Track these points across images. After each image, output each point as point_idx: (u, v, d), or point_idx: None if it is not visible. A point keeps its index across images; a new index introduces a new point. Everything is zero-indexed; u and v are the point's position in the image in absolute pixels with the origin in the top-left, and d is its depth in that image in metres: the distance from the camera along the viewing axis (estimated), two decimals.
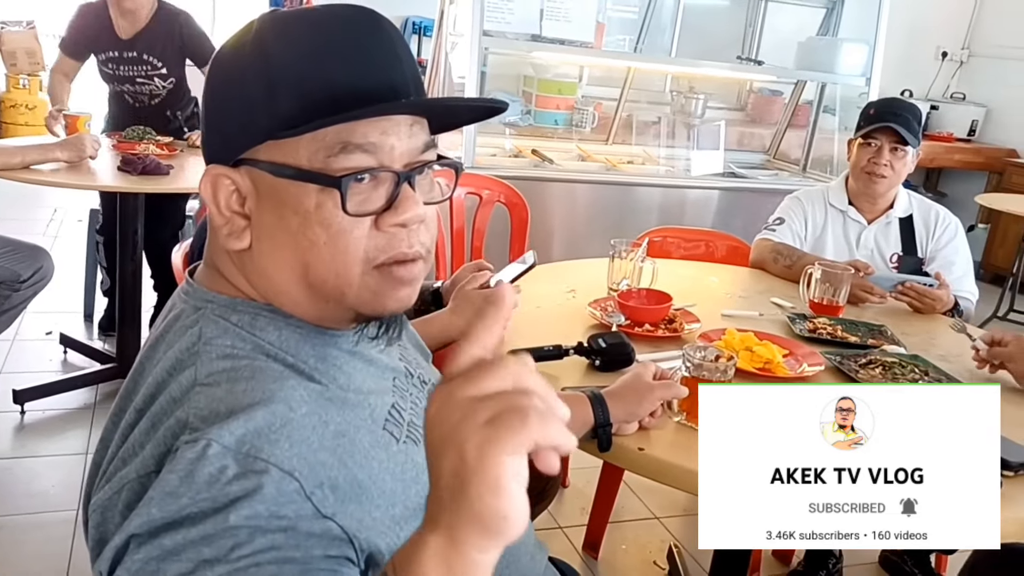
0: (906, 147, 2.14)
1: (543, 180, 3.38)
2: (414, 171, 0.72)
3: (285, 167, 0.70)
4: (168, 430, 0.65)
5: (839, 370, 1.52)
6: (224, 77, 0.75)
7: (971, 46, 5.88)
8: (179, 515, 0.60)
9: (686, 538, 2.35)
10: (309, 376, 0.72)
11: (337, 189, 0.68)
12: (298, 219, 0.70)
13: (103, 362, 2.91)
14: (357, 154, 0.69)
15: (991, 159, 5.55)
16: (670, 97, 4.45)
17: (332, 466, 0.66)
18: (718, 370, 1.23)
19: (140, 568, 0.60)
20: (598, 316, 1.65)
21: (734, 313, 1.82)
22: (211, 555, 0.59)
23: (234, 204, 0.73)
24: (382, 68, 0.72)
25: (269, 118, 0.70)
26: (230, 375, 0.68)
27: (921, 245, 2.23)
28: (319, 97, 0.69)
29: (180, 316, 0.75)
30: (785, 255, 2.18)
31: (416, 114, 0.73)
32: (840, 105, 4.13)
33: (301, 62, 0.70)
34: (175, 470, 0.62)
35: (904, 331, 1.79)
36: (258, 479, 0.61)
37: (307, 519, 0.63)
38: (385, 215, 0.71)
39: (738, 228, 2.91)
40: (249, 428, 0.63)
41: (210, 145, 0.76)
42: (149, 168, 2.47)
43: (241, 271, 0.75)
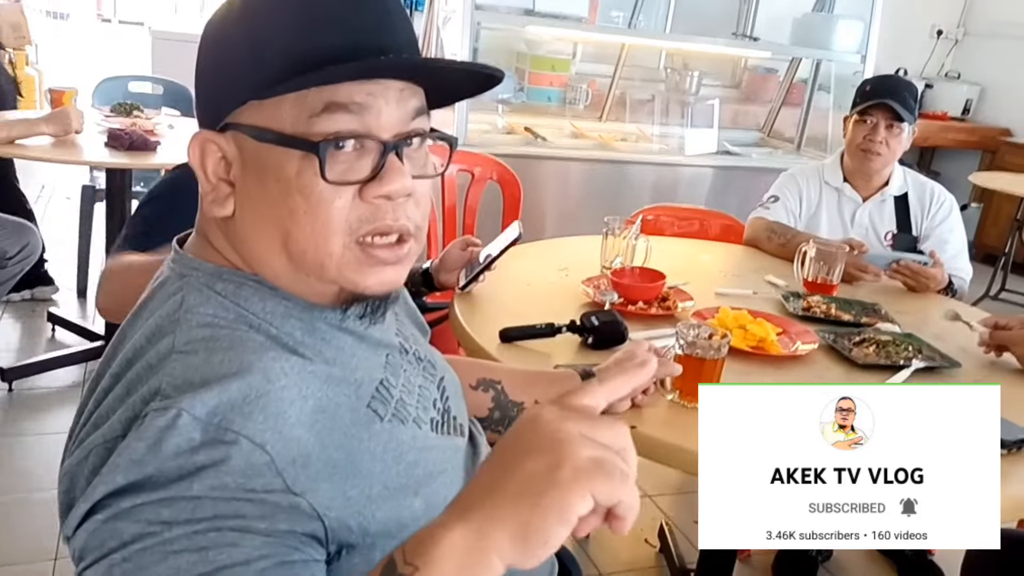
0: (902, 124, 2.12)
1: (536, 158, 3.35)
2: (403, 141, 0.70)
3: (267, 131, 0.68)
4: (139, 396, 0.64)
5: (833, 348, 1.51)
6: (212, 42, 0.73)
7: (966, 24, 5.85)
8: (142, 481, 0.58)
9: (677, 516, 2.35)
10: (292, 349, 0.70)
11: (315, 154, 0.66)
12: (279, 187, 0.68)
13: (92, 340, 2.89)
14: (340, 115, 0.67)
15: (985, 138, 5.54)
16: (664, 74, 4.41)
17: (307, 442, 0.65)
18: (712, 348, 1.21)
19: (97, 528, 0.59)
20: (591, 294, 1.63)
21: (728, 291, 1.80)
22: (169, 517, 0.57)
23: (220, 171, 0.71)
24: (372, 27, 0.69)
25: (253, 79, 0.67)
26: (208, 344, 0.66)
27: (916, 223, 2.22)
28: (304, 57, 0.66)
29: (164, 283, 0.73)
30: (779, 233, 2.16)
31: (406, 79, 0.70)
32: (835, 83, 4.11)
33: (286, 22, 0.68)
34: (143, 437, 0.60)
35: (898, 310, 1.79)
36: (227, 449, 0.60)
37: (276, 493, 0.61)
38: (369, 186, 0.68)
39: (732, 206, 2.89)
40: (222, 400, 0.62)
41: (200, 112, 0.74)
42: (137, 143, 2.44)
43: (227, 239, 0.74)
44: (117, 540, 0.58)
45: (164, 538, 0.57)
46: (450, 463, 0.81)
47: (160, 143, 2.54)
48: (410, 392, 0.80)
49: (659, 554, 2.18)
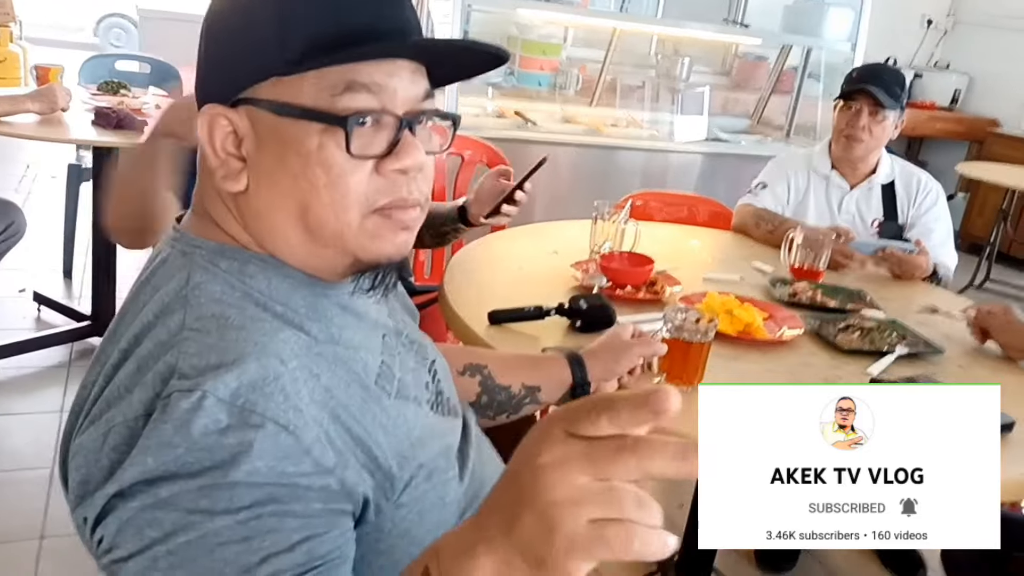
0: (885, 111, 2.13)
1: (526, 142, 3.35)
2: (415, 118, 0.72)
3: (289, 106, 0.69)
4: (156, 374, 0.64)
5: (818, 334, 1.52)
6: (229, 16, 0.73)
7: (956, 14, 5.87)
8: (176, 467, 0.59)
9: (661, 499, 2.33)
10: (299, 326, 0.71)
11: (342, 128, 0.68)
12: (299, 160, 0.69)
13: (78, 320, 2.88)
14: (362, 94, 0.69)
15: (973, 128, 5.56)
16: (655, 60, 4.41)
17: (324, 420, 0.66)
18: (699, 332, 1.22)
19: (133, 516, 0.59)
20: (580, 278, 1.64)
21: (715, 277, 1.81)
22: (208, 506, 0.59)
23: (230, 146, 0.72)
24: (389, 11, 0.71)
25: (275, 57, 0.68)
26: (220, 322, 0.67)
27: (902, 211, 2.23)
28: (327, 36, 0.68)
29: (167, 261, 0.74)
30: (767, 220, 2.18)
31: (418, 60, 0.72)
32: (825, 71, 4.11)
33: (309, 2, 0.69)
34: (170, 420, 0.61)
35: (883, 296, 1.80)
36: (255, 433, 0.61)
37: (306, 475, 0.63)
38: (386, 160, 0.70)
39: (721, 192, 2.90)
40: (243, 381, 0.63)
41: (207, 86, 0.74)
42: (124, 122, 2.42)
43: (235, 215, 0.74)
44: (159, 531, 0.58)
45: (208, 529, 0.58)
46: (448, 439, 0.84)
47: (147, 122, 2.52)
48: (407, 372, 0.81)
49: None
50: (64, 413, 2.45)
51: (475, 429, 0.95)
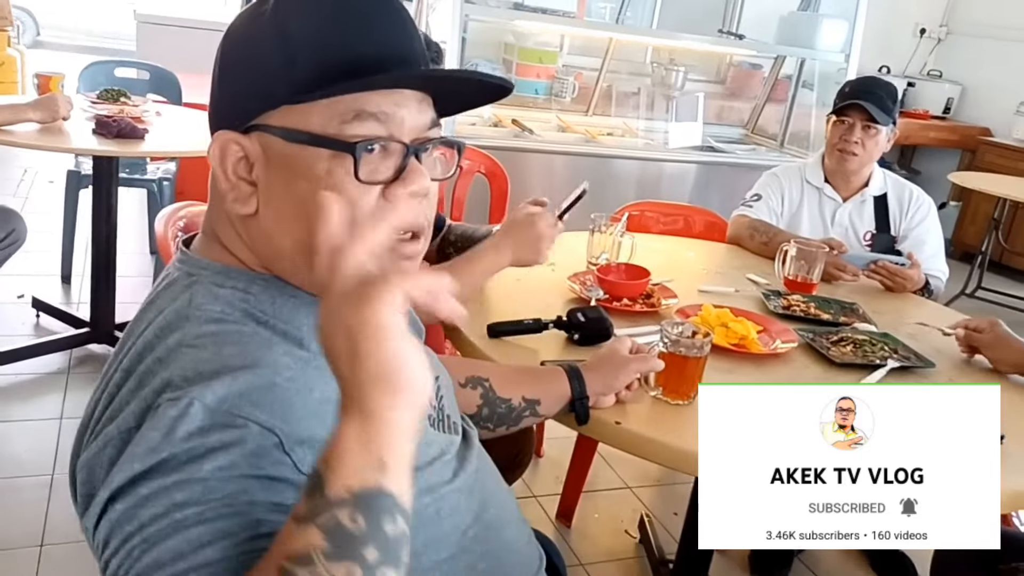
0: (878, 125, 2.16)
1: (523, 151, 3.38)
2: (422, 146, 0.74)
3: (299, 132, 0.71)
4: (151, 388, 0.66)
5: (811, 347, 1.55)
6: (240, 46, 0.75)
7: (949, 23, 5.92)
8: (156, 464, 0.61)
9: (657, 508, 2.40)
10: (298, 342, 0.73)
11: (351, 154, 0.70)
12: (308, 185, 0.71)
13: (77, 326, 2.88)
14: (370, 122, 0.71)
15: (965, 137, 5.61)
16: (650, 69, 4.44)
17: (313, 428, 0.67)
18: (694, 346, 1.25)
19: (119, 517, 0.61)
20: (577, 290, 1.66)
21: (711, 289, 1.84)
22: (182, 499, 0.60)
23: (241, 170, 0.74)
24: (396, 41, 0.74)
25: (286, 85, 0.71)
26: (217, 338, 0.69)
27: (894, 223, 2.26)
28: (336, 65, 0.70)
29: (173, 283, 0.76)
30: (762, 231, 2.20)
31: (424, 90, 0.75)
32: (819, 81, 4.16)
33: (320, 32, 0.71)
34: (157, 427, 0.63)
35: (875, 309, 1.83)
36: (237, 432, 0.63)
37: (284, 472, 0.64)
38: (393, 186, 0.72)
39: (715, 202, 2.93)
40: (232, 390, 0.64)
41: (219, 112, 0.76)
42: (124, 131, 2.44)
43: (244, 238, 0.76)
44: (135, 524, 0.60)
45: (176, 518, 0.60)
46: (445, 456, 0.85)
47: (148, 131, 2.54)
48: None
49: (639, 545, 2.22)
50: (63, 420, 2.47)
51: (476, 446, 0.96)
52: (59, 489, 2.11)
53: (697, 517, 1.67)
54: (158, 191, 3.36)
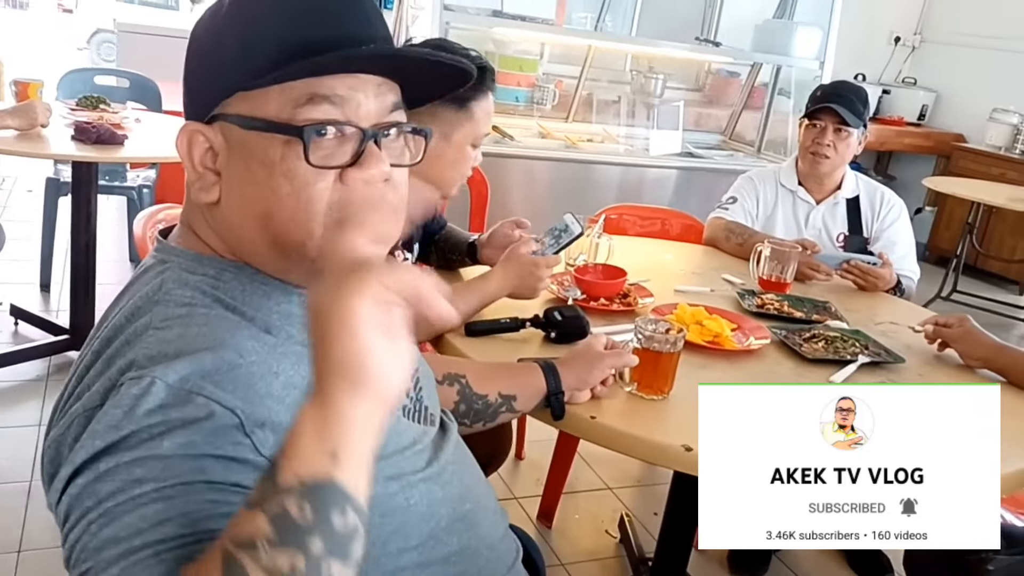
0: (849, 128, 2.20)
1: (503, 156, 3.40)
2: (381, 131, 0.74)
3: (253, 119, 0.72)
4: (116, 368, 0.68)
5: (784, 344, 1.58)
6: (202, 39, 0.77)
7: (923, 32, 6.01)
8: (116, 440, 0.62)
9: (637, 507, 2.41)
10: (265, 328, 0.74)
11: (300, 138, 0.70)
12: (264, 170, 0.72)
13: (56, 334, 2.87)
14: (324, 105, 0.71)
15: (939, 143, 5.69)
16: (630, 76, 4.49)
17: (278, 412, 0.68)
18: (668, 342, 1.27)
19: (79, 492, 0.62)
20: (555, 290, 1.68)
21: (687, 289, 1.87)
22: (141, 475, 0.61)
23: (207, 160, 0.75)
24: (350, 24, 0.74)
25: (242, 72, 0.72)
26: (184, 321, 0.70)
27: (867, 225, 2.30)
28: (290, 51, 0.71)
29: (147, 270, 0.77)
30: (737, 233, 2.24)
31: (381, 73, 0.75)
32: (795, 88, 4.21)
33: (274, 19, 0.72)
34: (119, 404, 0.64)
35: (847, 307, 1.86)
36: (196, 410, 0.64)
37: (243, 451, 0.65)
38: (349, 171, 0.73)
39: (694, 207, 2.96)
40: (194, 369, 0.65)
41: (188, 106, 0.78)
42: (104, 137, 2.44)
43: (211, 226, 0.77)
44: (94, 499, 0.61)
45: (134, 493, 0.60)
46: (418, 444, 0.86)
47: (127, 137, 2.54)
48: None
49: (619, 544, 2.24)
50: (42, 427, 2.44)
51: (454, 438, 0.97)
52: (37, 496, 2.10)
53: (675, 516, 1.71)
54: (138, 198, 3.36)
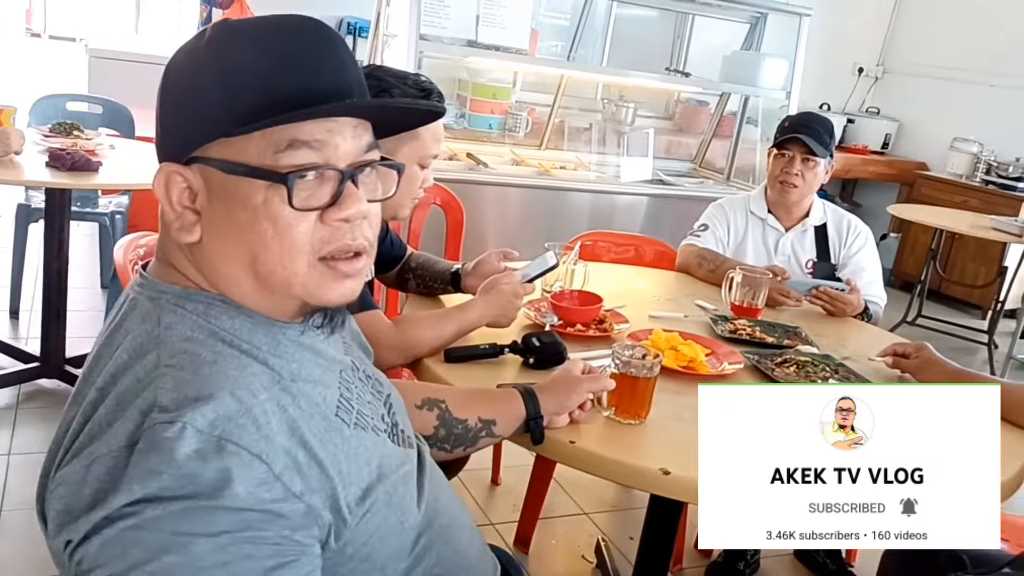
0: (816, 158, 2.27)
1: (478, 183, 3.44)
2: (357, 170, 0.77)
3: (235, 164, 0.74)
4: (136, 409, 0.69)
5: (757, 368, 1.62)
6: (179, 81, 0.78)
7: (885, 63, 6.18)
8: (160, 491, 0.64)
9: (613, 532, 2.43)
10: (263, 362, 0.77)
11: (284, 184, 0.73)
12: (247, 214, 0.74)
13: (26, 361, 2.84)
14: (303, 150, 0.74)
15: (903, 171, 5.83)
16: (601, 105, 4.56)
17: (292, 448, 0.72)
18: (645, 367, 1.30)
19: (118, 536, 0.64)
20: (532, 316, 1.71)
21: (661, 314, 1.90)
22: (189, 528, 0.64)
23: (185, 200, 0.77)
24: (329, 73, 0.77)
25: (223, 118, 0.74)
26: (192, 359, 0.72)
27: (834, 252, 2.36)
28: (271, 99, 0.73)
29: (136, 306, 0.79)
30: (709, 260, 2.28)
31: (359, 116, 0.78)
32: (762, 116, 4.30)
33: (256, 66, 0.74)
34: (154, 449, 0.66)
35: (817, 332, 1.91)
36: (231, 460, 0.67)
37: (278, 501, 0.68)
38: (330, 211, 0.76)
39: (666, 233, 3.01)
40: (219, 413, 0.68)
41: (164, 145, 0.79)
42: (79, 164, 2.43)
43: (193, 263, 0.79)
44: (143, 551, 0.63)
45: (190, 552, 0.63)
46: (405, 467, 0.89)
47: (102, 163, 2.53)
48: (364, 404, 0.87)
49: (596, 569, 2.25)
50: (12, 456, 2.42)
51: (428, 460, 1.00)
52: (8, 526, 2.07)
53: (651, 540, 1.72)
54: (111, 224, 3.34)
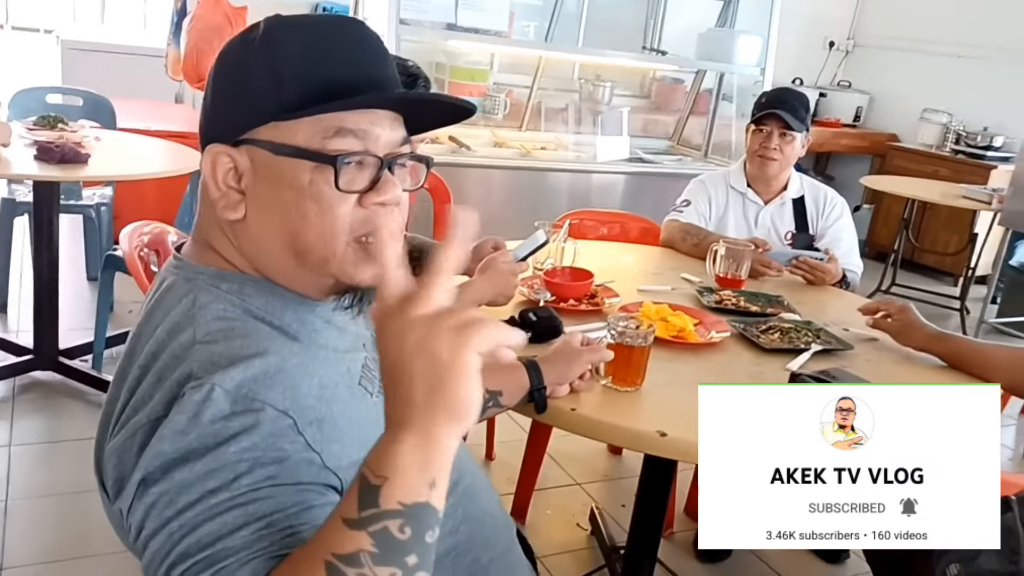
0: (793, 132, 2.34)
1: (461, 166, 3.48)
2: (394, 160, 0.84)
3: (285, 146, 0.79)
4: (174, 381, 0.75)
5: (743, 336, 1.69)
6: (232, 68, 0.84)
7: (856, 36, 6.27)
8: (187, 451, 0.70)
9: (605, 501, 2.51)
10: (293, 336, 0.82)
11: (332, 166, 0.79)
12: (292, 193, 0.80)
13: (18, 354, 2.86)
14: (349, 138, 0.80)
15: (874, 143, 5.94)
16: (578, 85, 4.60)
17: (319, 410, 0.77)
18: (639, 336, 1.36)
19: (155, 500, 0.70)
20: (526, 293, 1.77)
21: (649, 288, 1.97)
22: (214, 485, 0.69)
23: (230, 180, 0.82)
24: (373, 66, 0.83)
25: (274, 104, 0.79)
26: (226, 333, 0.78)
27: (812, 223, 2.44)
28: (320, 87, 0.79)
29: (172, 287, 0.84)
30: (693, 234, 2.35)
31: (396, 111, 0.84)
32: (737, 93, 4.38)
33: (305, 57, 0.80)
34: (183, 411, 0.71)
35: (799, 300, 1.99)
36: (256, 416, 0.72)
37: (299, 451, 0.73)
38: (368, 195, 0.82)
39: (646, 210, 3.08)
40: (247, 375, 0.73)
41: (212, 127, 0.85)
42: (68, 156, 2.45)
43: (233, 242, 0.84)
44: (173, 509, 0.69)
45: (211, 503, 0.68)
46: None
47: (90, 155, 2.55)
48: None
49: (591, 536, 2.33)
50: (12, 447, 2.45)
51: None
52: (14, 514, 2.11)
53: (645, 503, 1.80)
54: (96, 216, 3.35)
